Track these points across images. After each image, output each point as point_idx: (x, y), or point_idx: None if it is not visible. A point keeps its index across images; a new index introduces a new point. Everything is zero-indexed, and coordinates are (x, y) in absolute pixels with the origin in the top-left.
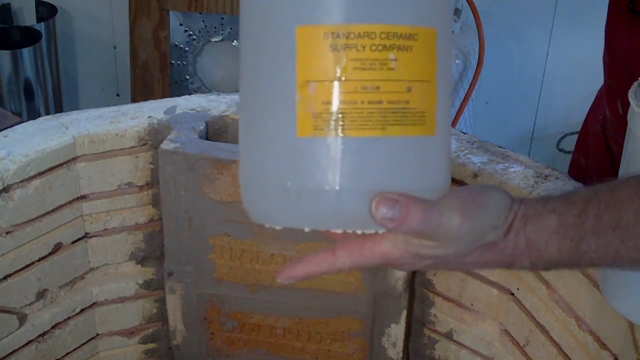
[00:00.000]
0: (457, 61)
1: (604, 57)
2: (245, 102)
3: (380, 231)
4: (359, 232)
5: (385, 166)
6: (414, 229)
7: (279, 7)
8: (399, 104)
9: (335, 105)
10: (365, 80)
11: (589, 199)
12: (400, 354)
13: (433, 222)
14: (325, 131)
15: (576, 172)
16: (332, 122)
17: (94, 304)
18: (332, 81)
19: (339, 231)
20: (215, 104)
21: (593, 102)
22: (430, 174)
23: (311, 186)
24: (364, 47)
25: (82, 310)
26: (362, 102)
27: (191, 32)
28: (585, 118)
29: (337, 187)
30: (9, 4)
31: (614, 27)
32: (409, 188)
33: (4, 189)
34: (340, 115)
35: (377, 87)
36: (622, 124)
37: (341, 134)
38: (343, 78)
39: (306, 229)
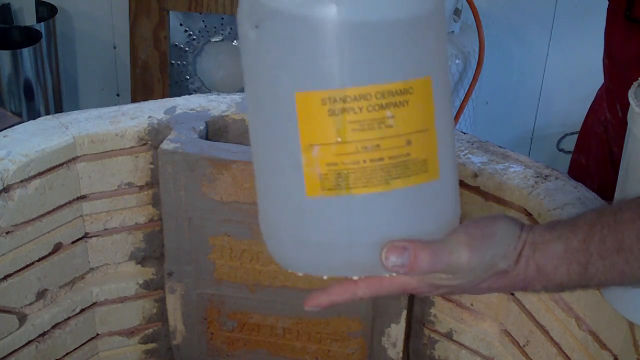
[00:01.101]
0: (457, 61)
1: (603, 59)
2: (257, 156)
3: (393, 274)
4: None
5: (392, 217)
6: (424, 271)
7: (279, 74)
8: (400, 157)
9: (338, 166)
10: (365, 140)
11: (593, 223)
12: (400, 354)
13: (442, 262)
14: (331, 191)
15: (576, 171)
16: (338, 182)
17: (94, 304)
18: (333, 144)
19: (355, 277)
20: (215, 104)
21: (593, 102)
22: (438, 215)
23: (323, 241)
24: (360, 109)
25: (82, 310)
26: (365, 161)
27: (191, 32)
28: (585, 118)
29: (347, 241)
30: (9, 4)
31: (612, 33)
32: (417, 233)
33: (4, 189)
34: (344, 175)
35: (378, 145)
36: (622, 127)
37: (347, 193)
38: (343, 140)
39: (325, 277)
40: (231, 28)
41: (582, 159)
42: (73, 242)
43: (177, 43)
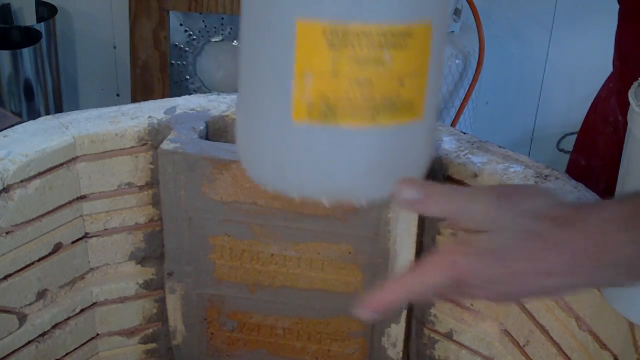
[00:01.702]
0: (457, 61)
1: (614, 61)
2: (245, 80)
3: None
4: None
5: (374, 150)
6: (439, 208)
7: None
8: (390, 97)
9: (329, 97)
10: (359, 76)
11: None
12: (400, 354)
13: (459, 202)
14: (318, 119)
15: (575, 172)
16: (326, 111)
17: (94, 304)
18: (327, 75)
19: (325, 202)
20: (215, 104)
21: (595, 102)
22: (418, 153)
23: (303, 165)
24: (360, 45)
25: (82, 310)
26: (355, 96)
27: (191, 32)
28: (586, 118)
29: (327, 168)
30: (9, 4)
31: (623, 35)
32: (398, 167)
33: (4, 189)
34: (333, 106)
35: (370, 82)
36: None
37: (333, 122)
38: (338, 73)
39: (296, 198)
40: (231, 28)
41: (582, 160)
42: (73, 242)
43: (177, 43)
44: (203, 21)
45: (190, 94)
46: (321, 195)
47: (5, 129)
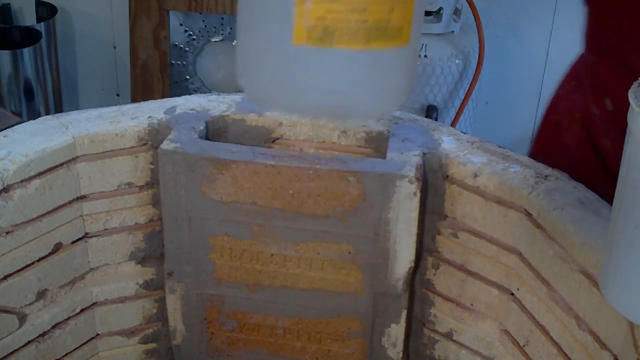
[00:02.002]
0: (457, 61)
1: (583, 56)
2: (247, 7)
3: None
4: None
5: (366, 71)
6: None
7: None
8: (381, 22)
9: (326, 22)
10: (355, 2)
11: None
12: (400, 354)
13: None
14: (317, 41)
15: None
16: (324, 35)
17: (94, 304)
18: (325, 1)
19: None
20: (215, 104)
21: (555, 102)
22: (403, 76)
23: (302, 85)
24: None
25: (82, 310)
26: (350, 21)
27: (191, 32)
28: (545, 119)
29: (324, 88)
30: (9, 4)
31: (600, 26)
32: (386, 88)
33: (4, 189)
34: (330, 30)
35: (365, 9)
36: (613, 121)
37: (330, 46)
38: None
39: (295, 116)
40: (231, 28)
41: (541, 160)
42: (73, 242)
43: (177, 43)
44: (203, 21)
45: (190, 94)
46: (317, 112)
47: (5, 129)
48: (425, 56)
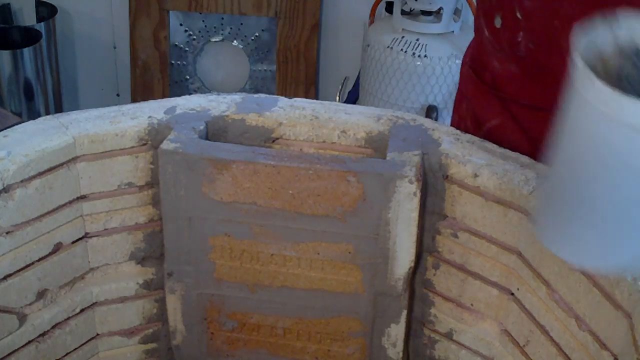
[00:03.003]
0: (457, 61)
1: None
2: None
3: None
4: None
5: None
6: None
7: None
8: None
9: None
10: None
11: None
12: (400, 354)
13: None
14: None
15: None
16: None
17: (94, 304)
18: None
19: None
20: (215, 104)
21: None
22: None
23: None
24: None
25: (82, 310)
26: None
27: (191, 32)
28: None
29: None
30: (9, 4)
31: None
32: None
33: (4, 189)
34: None
35: None
36: (502, 39)
37: None
38: None
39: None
40: (231, 28)
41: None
42: (73, 242)
43: (177, 43)
44: (203, 21)
45: (190, 94)
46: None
47: (5, 129)
48: (425, 56)
